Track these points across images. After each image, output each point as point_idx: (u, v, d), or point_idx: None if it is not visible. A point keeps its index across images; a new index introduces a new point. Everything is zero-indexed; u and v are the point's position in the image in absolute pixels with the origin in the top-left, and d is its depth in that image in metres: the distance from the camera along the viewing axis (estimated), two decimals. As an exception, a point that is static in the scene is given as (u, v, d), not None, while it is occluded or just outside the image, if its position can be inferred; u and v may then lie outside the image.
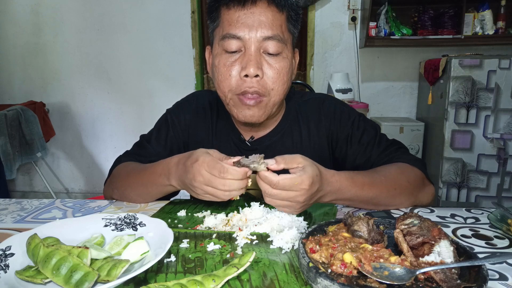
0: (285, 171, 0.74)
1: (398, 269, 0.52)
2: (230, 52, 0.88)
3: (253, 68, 0.85)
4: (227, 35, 0.87)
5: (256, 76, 0.86)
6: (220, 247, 0.68)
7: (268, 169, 0.72)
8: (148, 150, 1.06)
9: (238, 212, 0.81)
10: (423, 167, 0.96)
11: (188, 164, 0.78)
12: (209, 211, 0.86)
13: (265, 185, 0.72)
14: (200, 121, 1.08)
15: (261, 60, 0.88)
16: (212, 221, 0.79)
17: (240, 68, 0.87)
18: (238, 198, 0.76)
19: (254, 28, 0.86)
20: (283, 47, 0.89)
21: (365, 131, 1.01)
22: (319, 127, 0.95)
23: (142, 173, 0.94)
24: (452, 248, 0.55)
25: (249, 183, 0.75)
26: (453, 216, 0.84)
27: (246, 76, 0.86)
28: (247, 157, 0.74)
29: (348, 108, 1.07)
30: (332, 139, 1.04)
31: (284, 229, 0.71)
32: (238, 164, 0.74)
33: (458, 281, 0.51)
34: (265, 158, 0.73)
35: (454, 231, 0.75)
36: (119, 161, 1.06)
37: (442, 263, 0.53)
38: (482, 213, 0.85)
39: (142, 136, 1.12)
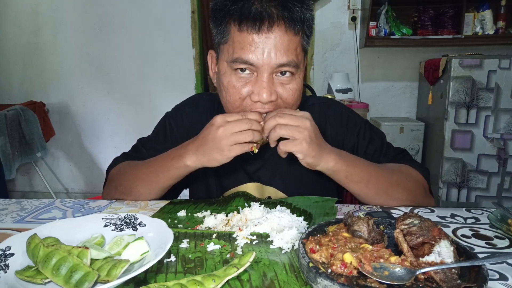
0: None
1: (398, 269, 0.52)
2: (240, 71, 0.84)
3: (266, 94, 0.82)
4: (239, 60, 0.82)
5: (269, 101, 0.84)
6: (220, 247, 0.68)
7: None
8: (143, 155, 1.04)
9: (238, 212, 0.81)
10: (427, 175, 0.96)
11: (205, 132, 0.82)
12: (209, 211, 0.86)
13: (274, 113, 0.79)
14: (200, 127, 1.05)
15: (274, 83, 0.84)
16: (212, 221, 0.79)
17: (251, 92, 0.84)
18: (256, 151, 0.82)
19: (268, 55, 0.81)
20: (296, 69, 0.85)
21: (371, 140, 1.00)
22: (325, 135, 0.91)
23: (153, 162, 0.93)
24: (452, 248, 0.55)
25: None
26: (453, 216, 0.84)
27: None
28: None
29: (354, 114, 1.05)
30: (337, 147, 0.99)
31: (284, 229, 0.71)
32: None
33: (458, 281, 0.51)
34: (268, 166, 0.73)
35: (454, 231, 0.75)
36: (116, 161, 1.05)
37: (442, 263, 0.53)
38: (482, 213, 0.85)
39: (139, 140, 1.11)
